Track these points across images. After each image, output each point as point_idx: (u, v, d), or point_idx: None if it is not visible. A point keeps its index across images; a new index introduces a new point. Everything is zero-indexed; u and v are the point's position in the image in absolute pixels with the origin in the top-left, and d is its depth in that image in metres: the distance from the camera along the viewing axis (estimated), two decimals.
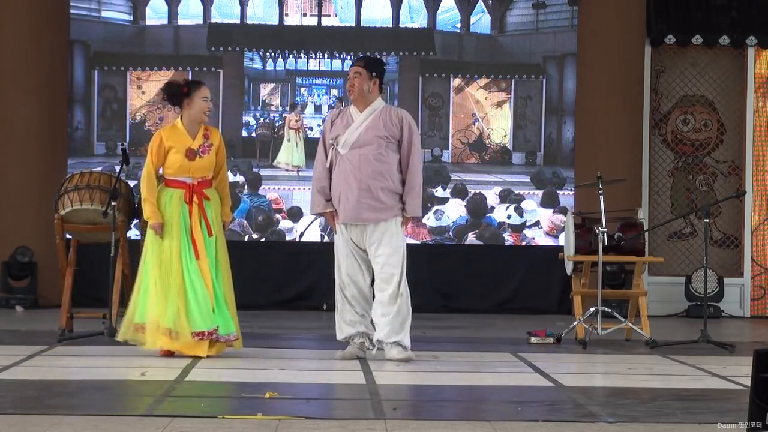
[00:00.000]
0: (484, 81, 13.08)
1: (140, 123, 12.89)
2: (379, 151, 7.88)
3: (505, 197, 12.92)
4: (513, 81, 13.09)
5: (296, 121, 12.97)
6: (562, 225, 12.78)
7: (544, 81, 13.07)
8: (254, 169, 12.89)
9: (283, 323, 11.19)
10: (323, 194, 7.97)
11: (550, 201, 12.98)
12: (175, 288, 7.85)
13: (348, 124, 7.95)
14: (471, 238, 12.89)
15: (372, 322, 7.97)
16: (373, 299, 7.96)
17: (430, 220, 12.84)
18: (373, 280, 7.99)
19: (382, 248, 7.87)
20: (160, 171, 8.10)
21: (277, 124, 13.02)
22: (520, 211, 12.87)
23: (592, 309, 9.24)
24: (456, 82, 13.06)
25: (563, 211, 12.62)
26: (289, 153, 12.96)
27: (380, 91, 8.02)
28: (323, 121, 12.95)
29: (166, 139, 8.01)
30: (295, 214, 12.84)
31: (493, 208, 12.92)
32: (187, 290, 7.84)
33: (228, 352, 8.02)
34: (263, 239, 12.87)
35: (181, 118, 8.09)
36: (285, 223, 12.86)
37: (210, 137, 8.06)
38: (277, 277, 12.69)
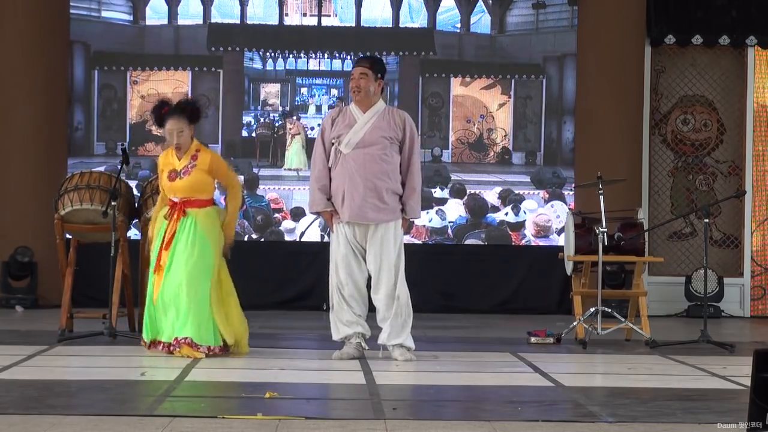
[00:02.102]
0: (484, 81, 13.07)
1: (140, 123, 12.89)
2: (384, 151, 7.87)
3: (506, 198, 12.91)
4: (513, 81, 13.08)
5: (291, 125, 12.97)
6: (548, 225, 12.79)
7: (544, 81, 13.07)
8: (254, 170, 12.88)
9: (283, 323, 11.18)
10: (324, 192, 7.95)
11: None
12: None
13: (350, 123, 7.92)
14: (476, 239, 12.87)
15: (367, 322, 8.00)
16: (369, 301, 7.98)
17: (433, 221, 12.82)
18: (368, 282, 8.00)
19: (380, 249, 7.87)
20: None
21: (277, 124, 13.01)
22: (516, 210, 12.86)
23: (592, 309, 9.24)
24: (456, 82, 13.05)
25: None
26: (289, 157, 12.96)
27: (382, 91, 8.04)
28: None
29: (160, 162, 8.17)
30: (297, 214, 12.83)
31: (498, 208, 12.89)
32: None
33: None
34: (262, 239, 12.87)
35: None
36: (286, 224, 12.85)
37: (198, 158, 8.04)
38: (277, 277, 12.68)
